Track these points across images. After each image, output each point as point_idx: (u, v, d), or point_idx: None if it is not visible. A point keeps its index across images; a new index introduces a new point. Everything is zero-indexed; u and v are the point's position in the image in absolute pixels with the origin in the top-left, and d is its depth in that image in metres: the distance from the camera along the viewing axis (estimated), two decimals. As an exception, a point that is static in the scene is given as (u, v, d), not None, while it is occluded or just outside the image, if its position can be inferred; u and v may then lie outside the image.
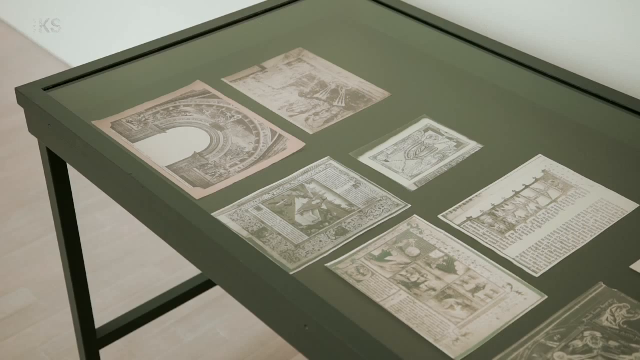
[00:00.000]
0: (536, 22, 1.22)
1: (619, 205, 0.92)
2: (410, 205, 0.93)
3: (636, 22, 1.11)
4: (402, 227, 0.90)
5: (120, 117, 1.09)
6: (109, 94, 1.14)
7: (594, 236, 0.89)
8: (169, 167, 1.00)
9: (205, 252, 0.89)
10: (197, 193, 0.96)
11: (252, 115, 1.09)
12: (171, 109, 1.11)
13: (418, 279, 0.84)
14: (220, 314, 1.58)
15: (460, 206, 0.93)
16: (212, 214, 0.92)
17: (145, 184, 0.93)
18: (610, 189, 0.95)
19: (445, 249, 0.87)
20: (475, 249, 0.87)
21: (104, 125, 1.07)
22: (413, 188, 0.97)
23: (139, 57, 1.20)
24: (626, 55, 1.13)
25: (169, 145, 1.04)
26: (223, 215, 0.92)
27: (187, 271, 1.66)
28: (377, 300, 0.81)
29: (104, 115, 1.09)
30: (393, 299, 0.81)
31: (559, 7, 1.18)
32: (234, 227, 0.91)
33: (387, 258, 0.87)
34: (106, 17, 2.01)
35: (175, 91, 1.14)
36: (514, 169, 0.98)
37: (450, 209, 0.93)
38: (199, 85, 1.16)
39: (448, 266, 0.85)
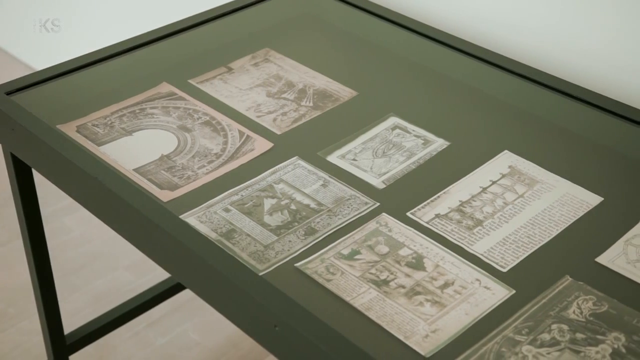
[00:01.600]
0: (501, 21, 1.23)
1: (584, 199, 0.94)
2: (378, 204, 0.94)
3: (595, 14, 1.12)
4: (371, 225, 0.91)
5: (85, 120, 1.08)
6: (73, 97, 1.13)
7: (560, 230, 0.90)
8: (135, 170, 1.00)
9: (174, 255, 0.89)
10: (165, 195, 0.95)
11: (219, 116, 1.09)
12: (137, 111, 1.10)
13: (387, 276, 0.84)
14: (192, 316, 1.57)
15: (428, 203, 0.94)
16: (180, 216, 0.91)
17: (112, 188, 0.93)
18: (575, 183, 0.96)
19: (414, 246, 0.88)
20: (443, 246, 0.88)
21: (69, 129, 1.06)
22: (381, 186, 0.97)
23: (103, 60, 1.19)
24: (589, 51, 1.15)
25: (135, 148, 1.03)
26: (191, 218, 0.92)
27: (158, 274, 1.65)
28: (347, 299, 0.82)
29: (69, 119, 1.08)
30: (363, 297, 0.82)
31: (520, 5, 1.19)
32: (203, 229, 0.90)
33: (357, 257, 0.87)
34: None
35: (141, 93, 1.13)
36: (481, 165, 0.99)
37: (419, 206, 0.93)
38: (165, 87, 1.15)
39: (417, 263, 0.86)
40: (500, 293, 0.82)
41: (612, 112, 1.05)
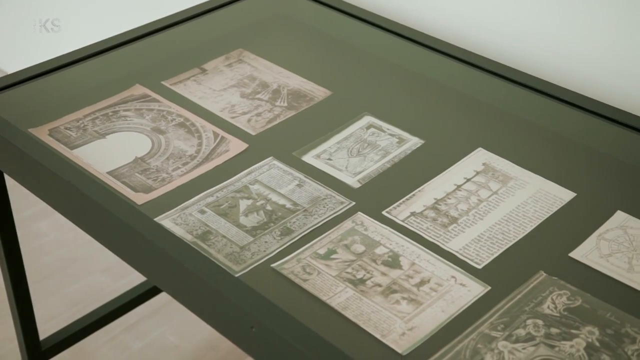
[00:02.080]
0: (473, 19, 1.24)
1: (557, 195, 0.95)
2: (354, 203, 0.94)
3: (564, 13, 1.14)
4: (347, 224, 0.91)
5: (58, 123, 1.07)
6: (45, 100, 1.12)
7: (534, 226, 0.90)
8: (109, 173, 0.99)
9: (150, 258, 0.88)
10: (139, 198, 0.95)
11: (193, 117, 1.09)
12: (110, 114, 1.09)
13: (364, 275, 0.84)
14: (169, 319, 1.56)
15: (403, 202, 0.94)
16: (155, 219, 0.91)
17: (86, 191, 0.92)
18: (549, 179, 0.97)
19: (390, 244, 0.88)
20: (419, 244, 0.88)
21: (41, 133, 1.05)
22: (357, 185, 0.97)
23: (76, 62, 1.18)
24: (559, 48, 1.16)
25: (109, 151, 1.02)
26: (166, 220, 0.91)
27: (135, 277, 1.64)
28: (324, 298, 0.82)
29: (40, 123, 1.07)
30: (339, 297, 0.82)
31: (493, 3, 1.20)
32: (178, 231, 0.90)
33: (333, 256, 0.87)
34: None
35: (114, 96, 1.13)
36: (455, 163, 1.00)
37: (394, 205, 0.94)
38: (138, 89, 1.14)
39: (393, 261, 0.86)
40: (475, 290, 0.82)
41: (584, 108, 1.06)
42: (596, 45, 1.12)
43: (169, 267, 0.86)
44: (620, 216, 0.91)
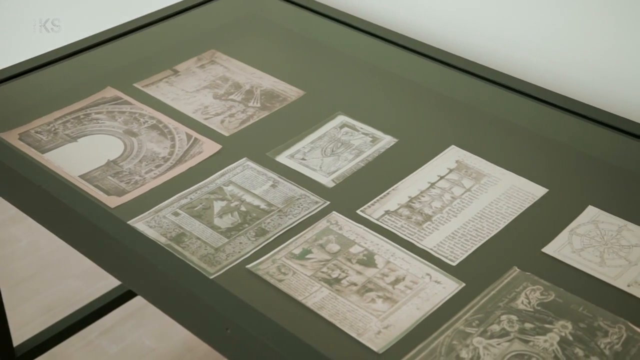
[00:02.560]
0: (445, 17, 1.24)
1: (529, 191, 0.95)
2: (329, 202, 0.94)
3: (535, 10, 1.15)
4: (322, 224, 0.91)
5: (28, 127, 1.06)
6: (15, 104, 1.11)
7: (507, 222, 0.91)
8: (81, 176, 0.98)
9: (124, 262, 0.88)
10: (112, 201, 0.94)
11: (166, 119, 1.08)
12: (82, 117, 1.08)
13: (339, 274, 0.84)
14: (146, 322, 1.55)
15: (377, 200, 0.94)
16: (129, 222, 0.90)
17: (57, 195, 0.91)
18: (521, 175, 0.98)
19: (365, 243, 0.88)
20: (394, 242, 0.89)
21: (11, 137, 1.04)
22: (331, 185, 0.97)
23: (46, 65, 1.17)
24: (529, 44, 1.17)
25: (81, 154, 1.01)
26: (140, 223, 0.91)
27: (110, 282, 1.62)
28: (299, 298, 0.82)
29: (10, 127, 1.06)
30: (315, 296, 0.82)
31: (464, 1, 1.21)
32: (152, 234, 0.89)
33: (308, 256, 0.87)
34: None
35: (85, 98, 1.12)
36: (429, 160, 1.00)
37: (368, 204, 0.94)
38: (110, 92, 1.13)
39: (368, 260, 0.86)
40: (450, 287, 0.83)
41: (554, 104, 1.07)
42: (553, 35, 1.14)
43: (143, 271, 0.85)
44: (591, 211, 0.92)
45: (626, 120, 1.03)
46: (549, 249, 0.87)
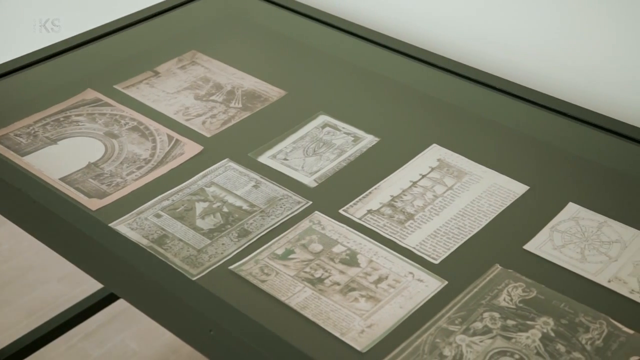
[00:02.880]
0: (421, 14, 1.25)
1: (511, 189, 0.96)
2: (311, 202, 0.94)
3: (515, 8, 1.15)
4: (304, 224, 0.91)
5: (7, 130, 1.05)
6: (-6, 107, 1.10)
7: (489, 220, 0.92)
8: (62, 179, 0.97)
9: (105, 265, 0.87)
10: (93, 204, 0.93)
11: (147, 121, 1.07)
12: (62, 119, 1.08)
13: (322, 274, 0.84)
14: (129, 325, 1.55)
15: (360, 199, 0.95)
16: (110, 225, 0.90)
17: (38, 199, 0.90)
18: (502, 173, 0.98)
19: (348, 242, 0.88)
20: (376, 241, 0.89)
21: (-9, 140, 1.03)
22: (313, 185, 0.97)
23: (25, 67, 1.16)
24: (506, 41, 1.17)
25: (61, 157, 1.01)
26: (122, 225, 0.90)
27: (92, 285, 1.61)
28: (282, 298, 0.81)
29: (-11, 130, 1.05)
30: (298, 297, 0.82)
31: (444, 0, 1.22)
32: (134, 236, 0.89)
33: (291, 256, 0.87)
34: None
35: (65, 101, 1.11)
36: (411, 159, 1.01)
37: (351, 203, 0.94)
38: (90, 94, 1.13)
39: (351, 260, 0.86)
40: (433, 285, 0.83)
41: (534, 102, 1.07)
42: (539, 36, 1.14)
43: (125, 273, 0.85)
44: (572, 208, 0.93)
45: (605, 117, 1.04)
46: (531, 246, 0.88)
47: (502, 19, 1.17)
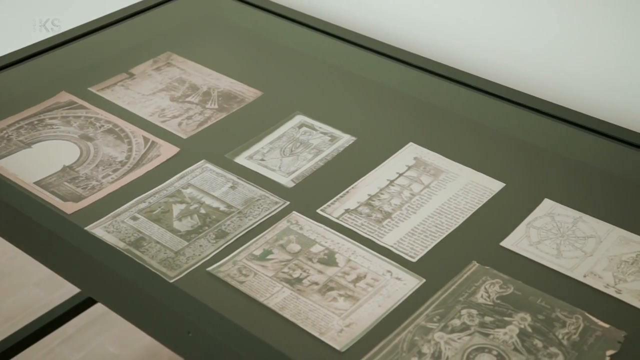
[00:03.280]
0: (397, 14, 1.25)
1: (487, 186, 0.96)
2: (288, 202, 0.94)
3: (490, 5, 1.16)
4: (282, 224, 0.91)
5: (-20, 134, 1.04)
6: (-34, 111, 1.08)
7: (466, 217, 0.92)
8: (36, 183, 0.96)
9: (82, 268, 0.87)
10: (69, 207, 0.93)
11: (122, 123, 1.07)
12: (36, 122, 1.07)
13: (300, 274, 0.84)
14: (108, 329, 1.54)
15: (337, 199, 0.95)
16: (86, 228, 0.89)
17: (12, 203, 0.89)
18: (478, 170, 0.99)
19: (326, 242, 0.89)
20: (354, 240, 0.89)
21: (-37, 144, 1.02)
22: (291, 185, 0.97)
23: (-3, 70, 1.15)
24: (481, 40, 1.18)
25: (35, 161, 1.00)
26: (98, 228, 0.90)
27: (70, 289, 1.60)
28: (261, 299, 0.81)
29: (-38, 134, 1.04)
30: (276, 297, 0.82)
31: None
32: (110, 239, 0.88)
33: (269, 257, 0.87)
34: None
35: (39, 104, 1.10)
36: (387, 158, 1.01)
37: (328, 203, 0.94)
38: (64, 96, 1.12)
39: (329, 259, 0.86)
40: (411, 283, 0.83)
41: (509, 100, 1.08)
42: (508, 34, 1.15)
43: (102, 277, 0.85)
44: (547, 204, 0.93)
45: (579, 113, 1.05)
46: (507, 243, 0.88)
47: (479, 18, 1.18)
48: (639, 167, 0.97)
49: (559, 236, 0.89)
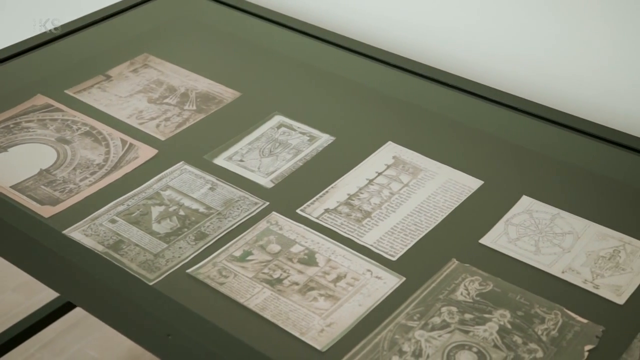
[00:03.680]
0: (374, 13, 1.25)
1: (465, 184, 0.97)
2: (268, 203, 0.94)
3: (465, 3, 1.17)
4: (262, 225, 0.91)
5: (-45, 138, 1.03)
6: (-59, 115, 1.07)
7: (445, 215, 0.92)
8: (13, 187, 0.95)
9: (60, 273, 0.86)
10: (46, 211, 0.92)
11: (99, 125, 1.06)
12: (11, 126, 1.06)
13: (280, 274, 0.84)
14: (88, 333, 1.53)
15: (317, 199, 0.95)
16: (64, 232, 0.88)
17: (-12, 207, 0.88)
18: (457, 169, 0.99)
19: (306, 242, 0.89)
20: (334, 240, 0.89)
21: (-62, 149, 1.01)
22: (270, 185, 0.97)
23: (-28, 74, 1.13)
24: (458, 38, 1.19)
25: (11, 164, 0.99)
26: (76, 232, 0.89)
27: (49, 293, 1.59)
28: (241, 300, 0.81)
29: (-63, 138, 1.02)
30: (257, 298, 0.82)
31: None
32: (88, 242, 0.88)
33: (249, 257, 0.87)
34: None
35: (14, 107, 1.09)
36: (366, 157, 1.01)
37: (308, 203, 0.94)
38: (40, 99, 1.11)
39: (309, 259, 0.86)
40: (391, 281, 0.84)
41: (486, 98, 1.09)
42: (479, 29, 1.16)
43: (81, 281, 0.84)
44: (525, 201, 0.94)
45: (555, 110, 1.05)
46: (486, 240, 0.89)
47: (454, 17, 1.18)
48: (615, 163, 0.98)
49: (537, 233, 0.90)
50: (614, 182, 0.97)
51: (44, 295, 1.59)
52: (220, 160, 1.01)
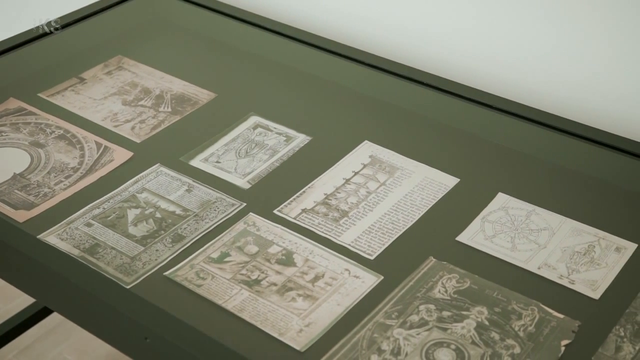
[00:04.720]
0: (348, 12, 1.25)
1: (442, 182, 0.97)
2: (245, 204, 0.94)
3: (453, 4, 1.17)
4: (239, 226, 0.90)
5: None
6: None
7: (422, 213, 0.93)
8: (-14, 191, 0.94)
9: (36, 278, 0.85)
10: (20, 216, 0.91)
11: (74, 129, 1.05)
12: (-16, 130, 1.05)
13: (258, 275, 0.84)
14: (66, 337, 1.51)
15: (294, 199, 0.95)
16: (39, 236, 0.87)
17: (-39, 213, 0.87)
18: (433, 167, 0.99)
19: (283, 242, 0.88)
20: (312, 240, 0.89)
21: None
22: (247, 186, 0.97)
23: (-57, 78, 1.12)
24: (432, 37, 1.19)
25: (-15, 169, 0.98)
26: (51, 236, 0.88)
27: (25, 299, 1.57)
28: (219, 302, 0.81)
29: None
30: (235, 299, 0.81)
31: (370, -3, 1.23)
32: (64, 246, 0.87)
33: (226, 259, 0.86)
34: None
35: (-13, 111, 1.08)
36: (343, 157, 1.01)
37: (285, 203, 0.94)
38: (13, 103, 1.10)
39: (287, 259, 0.86)
40: (369, 280, 0.84)
41: (462, 96, 1.09)
42: (460, 28, 1.16)
43: (57, 285, 0.83)
44: (501, 198, 0.95)
45: (529, 108, 1.06)
46: (463, 237, 0.89)
47: (430, 16, 1.19)
48: (589, 160, 0.99)
49: (513, 229, 0.90)
50: (589, 178, 0.98)
51: (20, 301, 1.57)
52: (196, 162, 1.00)
